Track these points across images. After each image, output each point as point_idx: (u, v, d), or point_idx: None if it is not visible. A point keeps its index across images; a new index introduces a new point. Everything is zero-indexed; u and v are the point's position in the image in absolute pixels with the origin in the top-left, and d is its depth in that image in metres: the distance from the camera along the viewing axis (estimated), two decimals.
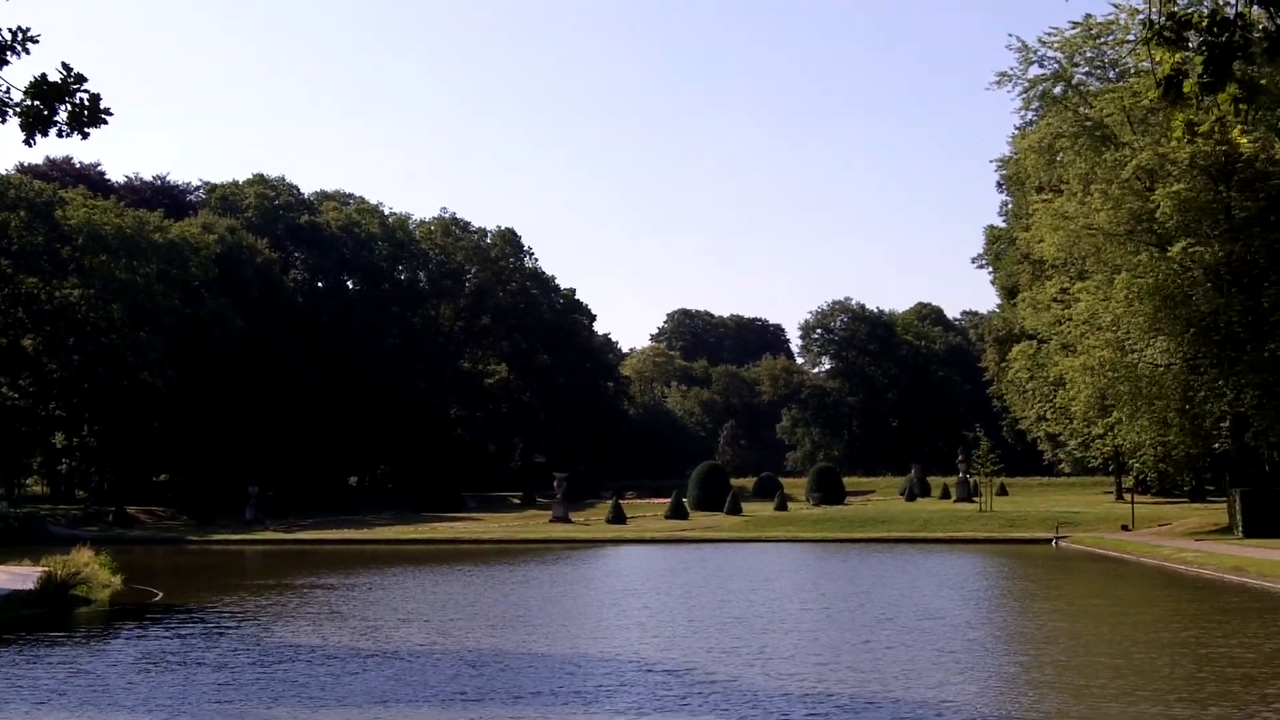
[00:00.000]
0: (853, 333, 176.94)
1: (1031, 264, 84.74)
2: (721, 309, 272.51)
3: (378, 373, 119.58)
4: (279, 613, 37.14)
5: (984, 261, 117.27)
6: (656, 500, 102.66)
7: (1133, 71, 68.08)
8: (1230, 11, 9.09)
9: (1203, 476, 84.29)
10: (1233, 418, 66.86)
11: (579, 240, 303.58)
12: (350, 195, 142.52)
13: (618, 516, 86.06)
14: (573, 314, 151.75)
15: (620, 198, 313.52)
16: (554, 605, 38.98)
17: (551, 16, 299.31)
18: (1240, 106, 9.08)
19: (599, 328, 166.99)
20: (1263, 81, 9.13)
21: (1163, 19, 9.27)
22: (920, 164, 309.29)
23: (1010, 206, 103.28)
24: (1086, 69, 74.05)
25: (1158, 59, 9.44)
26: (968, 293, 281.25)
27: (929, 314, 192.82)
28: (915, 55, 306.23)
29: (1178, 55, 9.23)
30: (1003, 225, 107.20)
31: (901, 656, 26.31)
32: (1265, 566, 44.72)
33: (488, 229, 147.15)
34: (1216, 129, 9.42)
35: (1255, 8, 9.06)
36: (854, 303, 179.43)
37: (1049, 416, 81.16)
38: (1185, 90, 9.16)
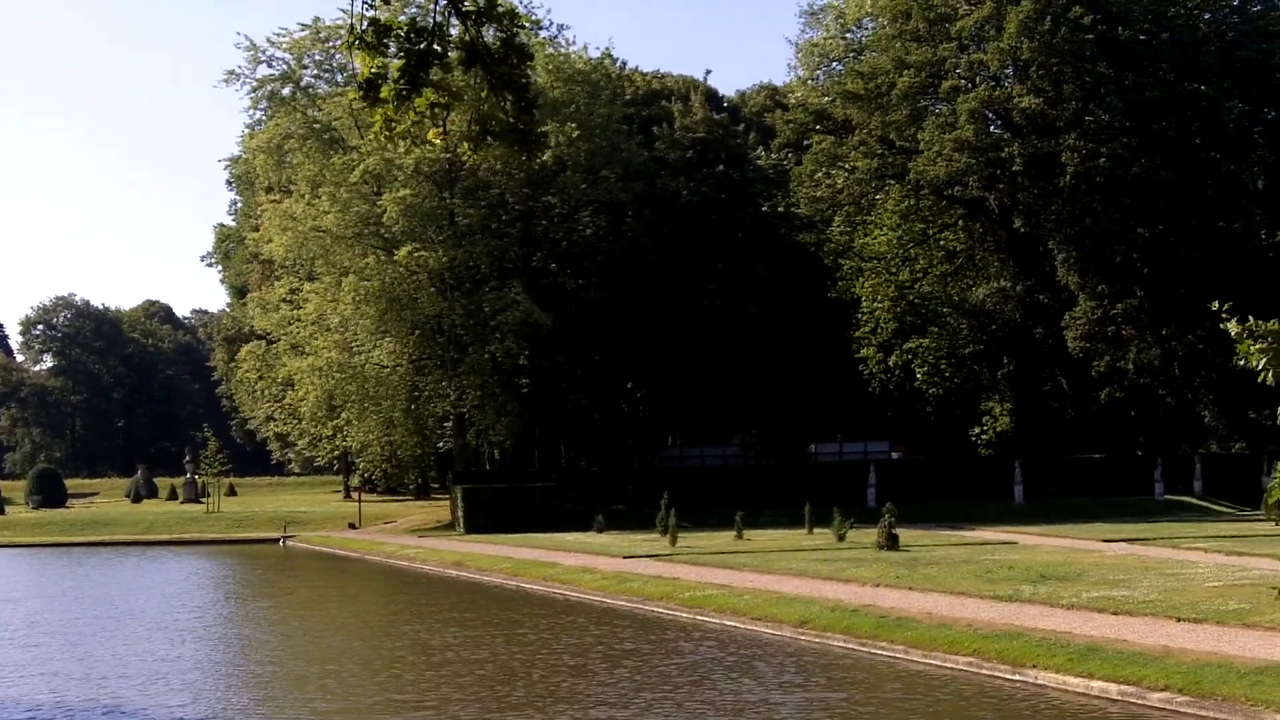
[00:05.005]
0: (77, 330, 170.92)
1: (261, 264, 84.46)
2: None
3: None
4: None
5: (214, 260, 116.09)
6: None
7: (359, 76, 69.22)
8: (430, 21, 8.99)
9: (427, 475, 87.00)
10: (455, 418, 69.49)
11: None
12: None
13: None
14: None
15: None
16: None
17: None
18: (436, 111, 9.09)
19: None
20: (458, 88, 9.01)
21: (365, 24, 9.05)
22: (149, 158, 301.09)
23: (240, 206, 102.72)
24: (316, 71, 74.75)
25: (360, 63, 9.23)
26: (198, 291, 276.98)
27: (158, 311, 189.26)
28: (144, 46, 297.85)
29: (378, 60, 9.07)
30: (233, 224, 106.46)
31: (146, 667, 24.87)
32: (483, 561, 46.46)
33: None
34: (414, 130, 9.25)
35: (454, 18, 9.02)
36: (78, 299, 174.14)
37: (278, 417, 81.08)
38: (383, 94, 9.01)
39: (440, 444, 74.58)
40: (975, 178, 65.79)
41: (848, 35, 75.99)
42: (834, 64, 75.98)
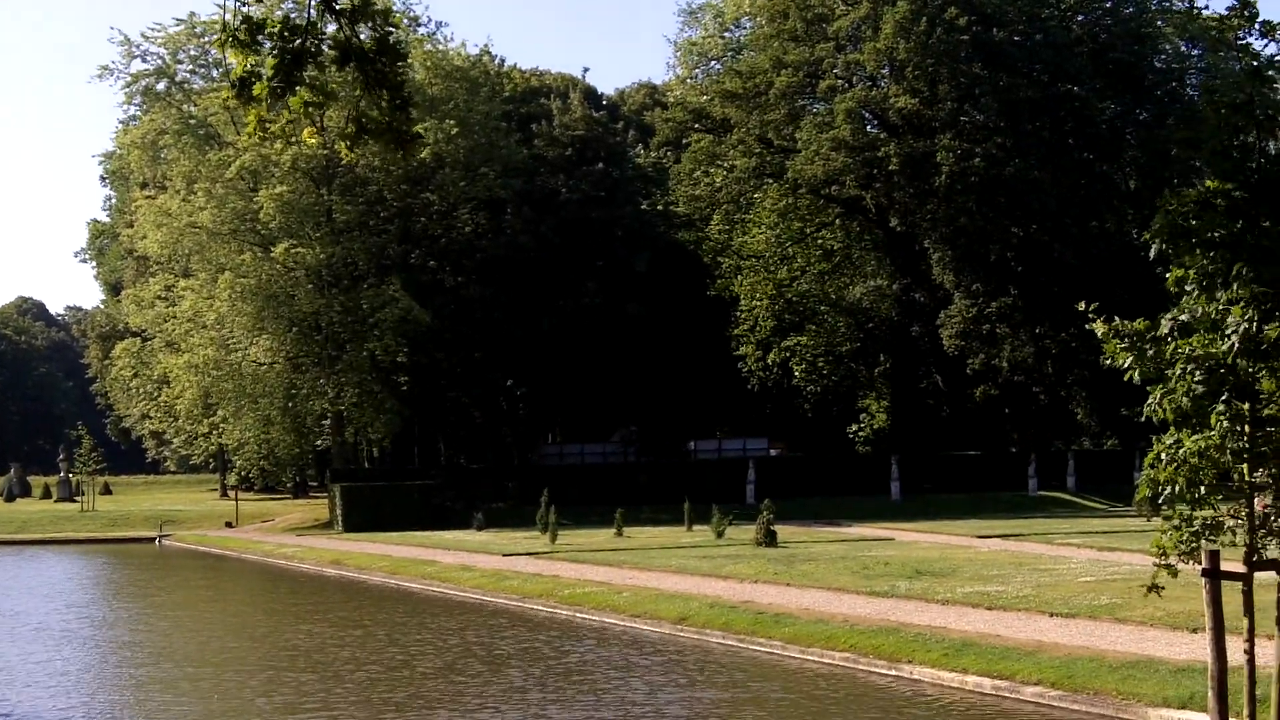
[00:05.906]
0: None
1: (136, 260, 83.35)
2: None
3: None
4: None
5: (88, 256, 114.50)
6: None
7: (233, 74, 68.44)
8: (304, 18, 8.89)
9: (305, 473, 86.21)
10: (334, 415, 68.89)
11: None
12: None
13: None
14: None
15: None
16: None
17: None
18: (311, 110, 8.99)
19: None
20: (333, 87, 8.94)
21: (238, 21, 8.93)
22: (21, 154, 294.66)
23: (115, 201, 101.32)
24: (191, 67, 73.82)
25: (233, 60, 9.11)
26: (72, 288, 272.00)
27: (30, 308, 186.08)
28: (16, 39, 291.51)
29: (252, 58, 8.95)
30: (107, 220, 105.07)
31: (22, 670, 24.38)
32: (362, 559, 46.14)
33: None
34: (289, 129, 9.16)
35: (328, 16, 8.93)
36: None
37: (154, 415, 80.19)
38: (256, 92, 8.90)
39: (318, 442, 73.92)
40: (852, 177, 66.30)
41: (726, 34, 76.36)
42: (713, 63, 76.33)
